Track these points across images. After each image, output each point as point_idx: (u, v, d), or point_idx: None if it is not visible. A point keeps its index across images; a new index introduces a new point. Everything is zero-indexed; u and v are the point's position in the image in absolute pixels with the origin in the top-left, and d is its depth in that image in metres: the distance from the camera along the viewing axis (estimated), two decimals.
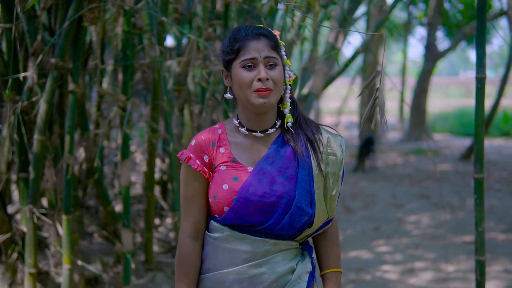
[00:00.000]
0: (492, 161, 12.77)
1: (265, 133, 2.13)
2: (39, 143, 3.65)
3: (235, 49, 2.06)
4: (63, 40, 3.67)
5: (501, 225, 7.09)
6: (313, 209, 2.08)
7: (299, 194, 2.06)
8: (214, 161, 2.11)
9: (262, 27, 2.12)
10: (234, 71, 2.07)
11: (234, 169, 2.09)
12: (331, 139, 2.18)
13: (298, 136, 2.14)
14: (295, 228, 2.07)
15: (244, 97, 2.07)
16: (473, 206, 7.96)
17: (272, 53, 2.06)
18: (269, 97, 2.04)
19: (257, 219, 2.05)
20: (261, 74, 2.02)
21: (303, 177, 2.08)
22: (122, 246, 4.12)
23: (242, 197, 2.04)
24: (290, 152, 2.11)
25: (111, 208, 4.26)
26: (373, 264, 5.60)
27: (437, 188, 9.84)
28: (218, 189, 2.07)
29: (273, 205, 2.05)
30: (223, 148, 2.12)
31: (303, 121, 2.19)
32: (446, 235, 6.61)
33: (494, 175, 10.95)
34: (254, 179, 2.06)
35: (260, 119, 2.12)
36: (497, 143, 16.26)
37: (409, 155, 14.56)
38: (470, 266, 5.43)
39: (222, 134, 2.15)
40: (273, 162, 2.10)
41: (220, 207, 2.07)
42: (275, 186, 2.06)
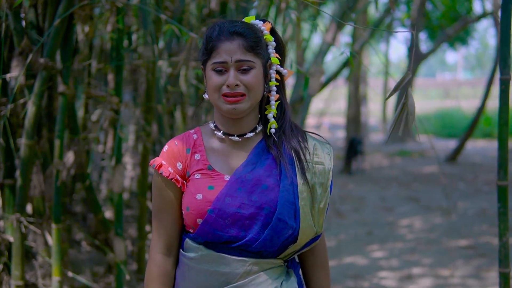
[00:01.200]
0: (478, 163, 12.76)
1: (243, 138, 1.94)
2: (27, 148, 3.44)
3: (208, 49, 1.89)
4: (53, 39, 3.46)
5: (495, 228, 6.97)
6: (297, 222, 1.88)
7: (281, 205, 1.86)
8: (188, 168, 1.93)
9: (239, 23, 1.92)
10: (207, 72, 1.91)
11: (209, 178, 1.90)
12: (318, 146, 2.00)
13: (282, 143, 1.95)
14: (277, 244, 1.88)
15: (214, 101, 1.90)
16: (465, 209, 7.98)
17: (246, 56, 1.86)
18: (240, 103, 1.86)
19: (234, 234, 1.86)
20: (229, 80, 1.85)
21: (286, 187, 1.88)
22: (114, 255, 3.92)
23: (217, 208, 1.85)
24: (272, 159, 1.93)
25: (102, 215, 4.05)
26: (369, 270, 5.46)
27: (426, 190, 9.77)
28: (191, 199, 1.88)
29: (252, 217, 1.86)
30: (198, 155, 1.93)
31: (289, 127, 1.99)
32: (440, 240, 6.51)
33: (482, 178, 10.91)
34: (232, 188, 1.87)
35: (236, 122, 1.94)
36: (480, 145, 16.29)
37: (394, 157, 14.51)
38: (469, 271, 5.32)
39: (197, 139, 1.96)
40: (252, 170, 1.90)
41: (193, 219, 1.88)
42: (254, 196, 1.87)
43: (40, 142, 3.73)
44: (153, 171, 1.95)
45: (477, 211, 7.97)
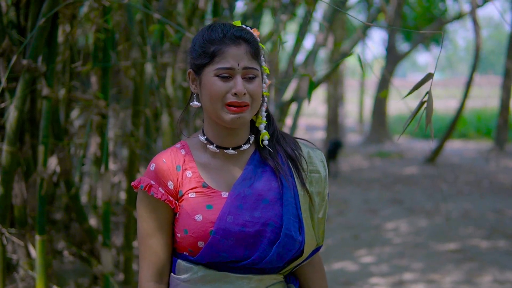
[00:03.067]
0: (457, 164, 12.78)
1: (239, 150, 1.81)
2: (9, 155, 3.24)
3: (209, 52, 1.73)
4: (36, 40, 3.26)
5: (481, 230, 6.97)
6: (302, 235, 1.77)
7: (287, 219, 1.75)
8: (180, 187, 1.77)
9: (243, 28, 1.78)
10: (206, 78, 1.73)
11: (206, 196, 1.75)
12: (312, 154, 1.89)
13: (277, 153, 1.84)
14: (285, 260, 1.76)
15: (213, 110, 1.74)
16: (449, 211, 7.92)
17: (253, 63, 1.74)
18: (244, 113, 1.73)
19: (239, 254, 1.73)
20: (237, 87, 1.70)
21: (288, 200, 1.77)
22: (101, 266, 3.73)
23: (220, 229, 1.71)
24: (269, 172, 1.81)
25: (88, 224, 3.86)
26: (360, 276, 5.35)
27: (408, 192, 9.72)
28: (189, 221, 1.73)
29: (257, 235, 1.73)
30: (190, 172, 1.78)
31: (280, 136, 1.88)
32: (427, 243, 6.43)
33: (462, 178, 10.91)
34: (232, 206, 1.73)
35: (232, 134, 1.79)
36: (456, 146, 16.36)
37: (373, 158, 14.48)
38: (460, 276, 5.24)
39: (186, 155, 1.80)
40: (251, 184, 1.78)
41: (193, 242, 1.72)
42: (257, 212, 1.74)
43: (22, 148, 3.53)
44: (140, 192, 1.77)
45: (461, 213, 7.93)
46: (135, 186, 1.78)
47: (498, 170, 11.90)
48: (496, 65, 54.53)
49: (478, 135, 18.36)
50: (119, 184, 5.47)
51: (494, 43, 58.04)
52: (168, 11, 4.38)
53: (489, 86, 31.83)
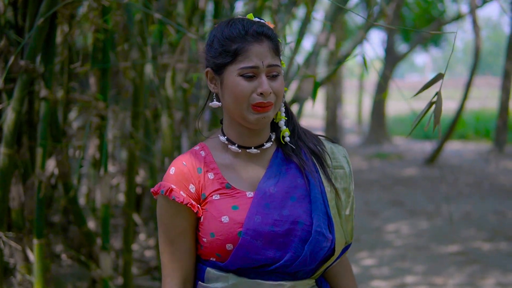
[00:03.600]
0: (457, 165, 12.73)
1: (261, 149, 1.75)
2: (6, 157, 3.18)
3: (231, 51, 1.66)
4: (34, 40, 3.21)
5: (483, 232, 6.92)
6: (332, 233, 1.72)
7: (317, 216, 1.69)
8: (203, 190, 1.71)
9: (263, 23, 1.72)
10: (229, 78, 1.67)
11: (230, 197, 1.69)
12: (335, 150, 1.84)
13: (301, 150, 1.78)
14: (317, 260, 1.70)
15: (237, 111, 1.68)
16: (449, 214, 7.86)
17: (276, 60, 1.69)
18: (269, 112, 1.68)
19: (270, 255, 1.66)
20: (263, 87, 1.65)
21: (316, 196, 1.72)
22: (100, 270, 3.67)
23: (250, 229, 1.65)
24: (294, 169, 1.75)
25: (87, 228, 3.80)
26: (361, 279, 5.29)
27: (409, 194, 9.67)
28: (215, 223, 1.66)
29: (287, 234, 1.67)
30: (212, 173, 1.72)
31: (301, 131, 1.83)
32: (429, 245, 6.38)
33: (462, 180, 10.86)
34: (259, 206, 1.68)
35: (255, 133, 1.74)
36: (455, 147, 16.31)
37: (372, 159, 14.42)
38: (463, 279, 5.19)
39: (207, 156, 1.75)
40: (277, 182, 1.72)
41: (221, 246, 1.66)
42: (285, 211, 1.68)
43: (20, 150, 3.47)
44: (160, 198, 1.71)
45: (462, 215, 7.88)
46: (154, 192, 1.71)
47: (498, 172, 11.85)
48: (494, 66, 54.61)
49: (477, 136, 18.32)
50: (117, 187, 5.42)
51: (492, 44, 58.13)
52: (168, 11, 4.33)
53: (487, 87, 31.83)
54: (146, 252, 5.00)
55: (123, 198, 5.22)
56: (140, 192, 5.21)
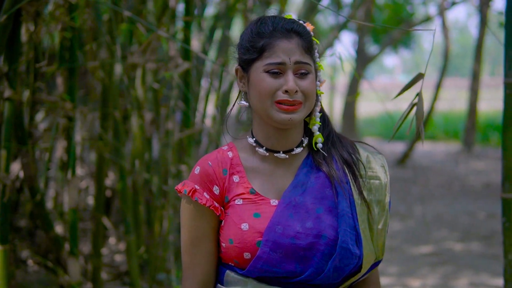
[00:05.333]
0: (427, 166, 12.82)
1: (290, 154, 1.66)
2: None
3: (258, 47, 1.60)
4: None
5: (455, 233, 6.94)
6: (360, 249, 1.62)
7: (343, 231, 1.60)
8: (226, 193, 1.64)
9: (294, 20, 1.65)
10: (254, 74, 1.61)
11: (253, 203, 1.62)
12: (371, 158, 1.74)
13: (332, 158, 1.69)
14: (342, 275, 1.61)
15: (262, 109, 1.61)
16: (422, 215, 7.89)
17: (305, 58, 1.61)
18: (296, 113, 1.60)
19: (291, 269, 1.58)
20: (288, 84, 1.58)
21: (345, 209, 1.63)
22: (68, 276, 3.56)
23: (270, 240, 1.57)
24: (324, 178, 1.66)
25: (54, 233, 3.68)
26: None
27: None
28: (235, 230, 1.60)
29: (309, 248, 1.59)
30: (237, 176, 1.65)
31: (336, 138, 1.74)
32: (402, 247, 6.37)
33: (433, 181, 10.93)
34: (283, 216, 1.59)
35: (283, 136, 1.65)
36: (424, 148, 16.41)
37: None
38: (437, 280, 5.18)
39: (234, 158, 1.67)
40: (304, 192, 1.64)
41: (239, 254, 1.59)
42: (309, 223, 1.60)
43: None
44: (184, 197, 1.64)
45: (434, 216, 7.91)
46: (178, 191, 1.65)
47: (468, 172, 11.96)
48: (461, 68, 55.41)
49: (446, 137, 18.51)
50: (86, 190, 5.28)
51: (459, 46, 59.00)
52: (137, 9, 4.22)
53: (455, 89, 32.23)
54: (116, 256, 4.88)
55: (92, 202, 5.09)
56: (109, 195, 5.09)
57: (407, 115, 1.88)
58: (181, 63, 3.60)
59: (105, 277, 4.42)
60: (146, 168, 4.42)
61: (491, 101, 21.95)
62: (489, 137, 17.08)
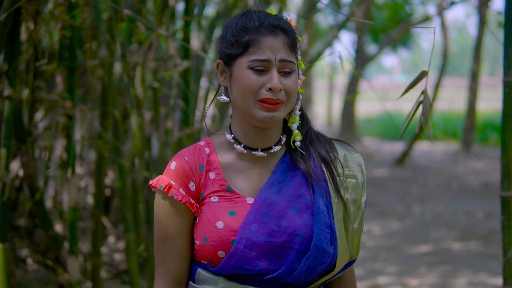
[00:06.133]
0: (426, 166, 12.83)
1: (268, 152, 1.65)
2: None
3: (243, 42, 1.57)
4: None
5: (453, 232, 6.95)
6: (335, 248, 1.61)
7: (319, 230, 1.59)
8: (202, 189, 1.62)
9: (281, 17, 1.63)
10: (238, 70, 1.58)
11: (229, 201, 1.60)
12: (349, 157, 1.73)
13: (310, 156, 1.68)
14: (315, 274, 1.61)
15: (244, 106, 1.58)
16: (421, 214, 7.90)
17: (290, 56, 1.59)
18: (278, 111, 1.57)
19: (264, 267, 1.57)
20: (273, 82, 1.55)
21: (321, 208, 1.61)
22: (68, 275, 3.56)
23: (244, 238, 1.56)
24: (300, 176, 1.65)
25: (54, 231, 3.68)
26: None
27: (379, 194, 9.69)
28: (209, 228, 1.58)
29: (284, 246, 1.58)
30: (214, 173, 1.63)
31: (314, 136, 1.72)
32: (400, 246, 6.38)
33: (432, 180, 10.94)
34: (258, 214, 1.58)
35: (263, 133, 1.64)
36: (423, 148, 16.44)
37: None
38: (435, 279, 5.19)
39: (211, 154, 1.65)
40: (280, 190, 1.62)
41: (213, 252, 1.57)
42: (285, 221, 1.59)
43: None
44: (158, 193, 1.62)
45: (432, 215, 7.92)
46: (153, 186, 1.62)
47: (466, 172, 11.97)
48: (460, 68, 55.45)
49: (445, 137, 18.52)
50: (86, 188, 5.28)
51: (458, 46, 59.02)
52: (137, 8, 4.23)
53: (454, 89, 32.25)
54: (115, 255, 4.88)
55: (91, 200, 5.10)
56: (109, 194, 5.09)
57: (414, 113, 1.88)
58: (180, 62, 3.61)
59: (104, 276, 4.42)
60: (146, 167, 4.42)
61: (490, 101, 21.99)
62: (488, 137, 17.10)
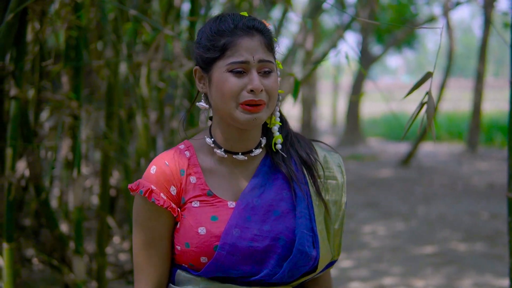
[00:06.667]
0: (431, 166, 12.80)
1: (249, 156, 1.64)
2: None
3: (219, 45, 1.56)
4: (4, 37, 3.09)
5: (458, 233, 6.93)
6: (316, 250, 1.61)
7: (301, 233, 1.59)
8: (183, 194, 1.60)
9: (255, 18, 1.62)
10: (217, 75, 1.57)
11: (210, 206, 1.59)
12: (329, 158, 1.73)
13: (291, 158, 1.67)
14: (296, 276, 1.62)
15: (225, 110, 1.57)
16: (425, 215, 7.88)
17: (268, 56, 1.58)
18: (260, 113, 1.56)
19: (246, 270, 1.57)
20: (254, 83, 1.54)
21: (302, 211, 1.61)
22: (73, 275, 3.57)
23: (227, 244, 1.55)
24: (282, 179, 1.65)
25: (59, 231, 3.69)
26: (339, 281, 5.24)
27: (384, 195, 9.68)
28: (191, 233, 1.57)
29: (266, 250, 1.57)
30: (194, 177, 1.61)
31: (295, 138, 1.72)
32: (405, 247, 6.37)
33: (436, 181, 10.91)
34: (240, 218, 1.58)
35: (243, 137, 1.63)
36: (428, 148, 16.41)
37: (347, 160, 14.42)
38: (440, 280, 5.18)
39: (191, 158, 1.64)
40: (261, 193, 1.62)
41: (195, 258, 1.57)
42: (267, 226, 1.59)
43: None
44: (138, 198, 1.60)
45: (437, 216, 7.90)
46: (132, 190, 1.61)
47: (471, 173, 11.94)
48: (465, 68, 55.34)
49: (450, 138, 18.48)
50: (91, 189, 5.30)
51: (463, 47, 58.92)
52: (142, 8, 4.24)
53: (459, 89, 32.19)
54: (120, 255, 4.89)
55: (96, 201, 5.11)
56: (114, 194, 5.10)
57: (417, 114, 1.87)
58: (186, 62, 3.61)
59: (109, 276, 4.43)
60: None
61: (495, 101, 21.94)
62: (493, 138, 17.04)
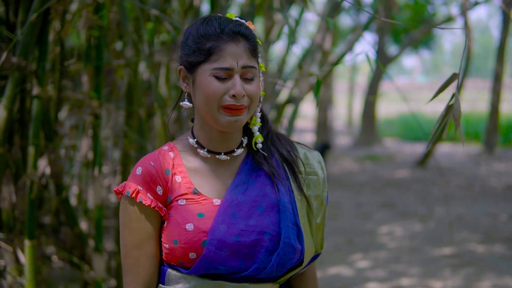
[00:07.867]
0: (447, 167, 12.73)
1: (231, 155, 1.69)
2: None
3: (205, 49, 1.59)
4: (27, 36, 3.12)
5: (476, 235, 6.89)
6: (301, 243, 1.66)
7: (286, 227, 1.63)
8: (169, 193, 1.63)
9: (241, 22, 1.64)
10: (201, 77, 1.60)
11: (196, 203, 1.62)
12: (309, 155, 1.78)
13: (272, 156, 1.72)
14: (285, 269, 1.65)
15: (208, 112, 1.60)
16: (442, 216, 7.85)
17: (252, 62, 1.61)
18: (241, 116, 1.60)
19: (235, 266, 1.60)
20: (236, 89, 1.57)
21: (286, 205, 1.66)
22: (93, 272, 3.60)
23: (214, 239, 1.58)
24: (264, 176, 1.69)
25: (79, 229, 3.72)
26: (356, 282, 5.24)
27: (400, 196, 9.64)
28: (179, 230, 1.59)
29: (253, 245, 1.61)
30: (179, 177, 1.65)
31: (275, 137, 1.76)
32: (423, 248, 6.34)
33: (453, 182, 10.85)
34: (225, 214, 1.61)
35: (225, 138, 1.67)
36: (445, 149, 16.32)
37: (363, 161, 14.39)
38: (459, 282, 5.16)
39: (175, 158, 1.67)
40: (245, 190, 1.66)
41: (184, 254, 1.59)
42: (252, 221, 1.62)
43: (11, 149, 3.38)
44: (125, 199, 1.62)
45: (454, 217, 7.86)
46: (118, 192, 1.63)
47: (489, 174, 11.87)
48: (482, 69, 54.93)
49: (467, 139, 18.37)
50: (110, 187, 5.33)
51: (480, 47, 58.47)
52: (162, 8, 4.25)
53: (476, 90, 31.97)
54: None
55: (115, 199, 5.14)
56: None
57: (445, 117, 1.87)
58: None
59: None
60: None
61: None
62: (511, 139, 16.91)
